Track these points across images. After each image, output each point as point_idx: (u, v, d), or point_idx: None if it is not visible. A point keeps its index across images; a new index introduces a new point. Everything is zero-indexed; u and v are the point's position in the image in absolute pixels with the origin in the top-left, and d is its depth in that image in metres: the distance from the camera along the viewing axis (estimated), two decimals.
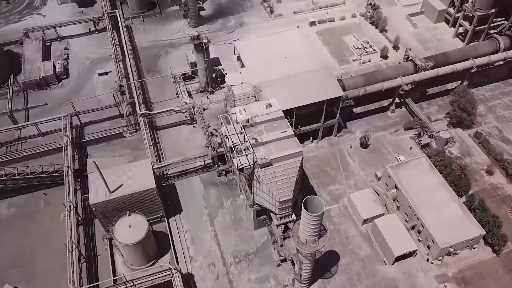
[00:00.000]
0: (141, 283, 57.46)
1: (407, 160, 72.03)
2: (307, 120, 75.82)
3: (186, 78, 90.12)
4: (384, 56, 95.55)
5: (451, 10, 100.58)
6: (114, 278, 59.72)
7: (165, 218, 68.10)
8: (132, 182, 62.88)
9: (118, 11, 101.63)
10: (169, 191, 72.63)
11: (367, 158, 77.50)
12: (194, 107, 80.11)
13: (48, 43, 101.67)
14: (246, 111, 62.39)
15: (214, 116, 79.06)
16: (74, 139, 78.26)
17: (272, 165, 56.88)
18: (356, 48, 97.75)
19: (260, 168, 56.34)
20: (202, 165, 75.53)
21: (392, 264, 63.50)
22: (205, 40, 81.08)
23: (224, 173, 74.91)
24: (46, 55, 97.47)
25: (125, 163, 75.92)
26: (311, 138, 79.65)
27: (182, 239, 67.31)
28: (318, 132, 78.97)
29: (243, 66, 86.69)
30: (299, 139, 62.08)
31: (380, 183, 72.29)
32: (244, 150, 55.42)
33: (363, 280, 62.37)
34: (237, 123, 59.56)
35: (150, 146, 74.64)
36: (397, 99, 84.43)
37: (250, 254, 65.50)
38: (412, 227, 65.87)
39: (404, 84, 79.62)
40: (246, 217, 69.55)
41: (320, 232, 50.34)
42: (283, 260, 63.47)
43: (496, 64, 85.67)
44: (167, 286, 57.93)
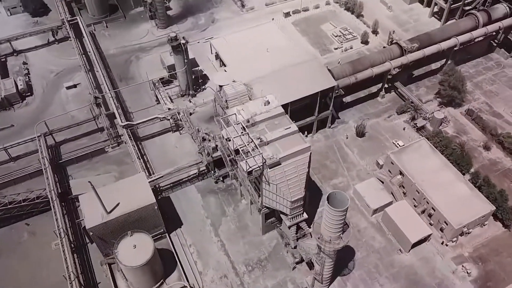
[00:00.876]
0: None
1: (408, 145, 73.81)
2: (300, 114, 75.92)
3: (163, 82, 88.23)
4: (365, 42, 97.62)
5: None
6: None
7: (166, 234, 66.30)
8: (129, 199, 60.67)
9: (79, 18, 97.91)
10: (165, 205, 70.68)
11: (365, 147, 78.84)
12: (179, 113, 78.48)
13: (3, 59, 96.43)
14: (244, 110, 61.73)
15: (202, 120, 77.89)
16: (51, 160, 74.58)
17: (280, 164, 56.58)
18: (336, 36, 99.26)
19: (269, 168, 55.91)
20: (196, 173, 74.09)
21: (408, 251, 64.90)
22: (183, 41, 79.60)
23: (221, 178, 73.88)
24: (3, 73, 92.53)
25: (112, 180, 73.48)
26: (305, 132, 79.99)
27: (187, 254, 65.75)
28: (312, 125, 79.47)
29: (224, 65, 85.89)
30: None
31: (383, 171, 73.72)
32: (251, 151, 54.78)
33: (382, 272, 63.36)
34: (237, 124, 58.82)
35: (138, 158, 72.45)
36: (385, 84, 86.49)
37: (263, 260, 64.95)
38: (422, 211, 67.59)
39: (393, 68, 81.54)
40: (252, 222, 68.95)
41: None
42: (299, 262, 63.39)
43: (476, 40, 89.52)
44: None
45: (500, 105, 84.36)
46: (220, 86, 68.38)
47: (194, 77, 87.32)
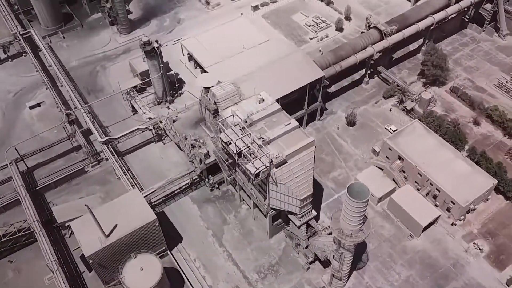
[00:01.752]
0: None
1: (402, 128, 75.76)
2: (289, 109, 75.79)
3: (137, 91, 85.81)
4: (339, 29, 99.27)
5: None
6: None
7: (168, 252, 64.61)
8: (128, 218, 58.68)
9: (33, 30, 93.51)
10: (160, 221, 68.23)
11: (358, 135, 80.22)
12: (161, 121, 76.61)
13: None
14: (239, 111, 61.08)
15: (187, 126, 76.17)
16: (27, 188, 70.73)
17: (287, 162, 56.48)
18: (309, 26, 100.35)
19: (276, 168, 55.66)
20: (188, 183, 72.58)
21: (419, 236, 66.61)
22: (156, 45, 77.73)
23: (216, 185, 72.84)
24: None
25: (97, 201, 70.74)
26: None
27: (193, 269, 64.36)
28: (301, 120, 79.84)
29: (200, 66, 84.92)
30: None
31: (380, 158, 75.25)
32: (256, 152, 54.30)
33: (397, 260, 64.72)
34: (235, 125, 58.16)
35: (124, 174, 70.17)
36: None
37: (274, 265, 64.65)
38: (427, 194, 69.56)
39: (376, 53, 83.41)
40: (256, 227, 68.49)
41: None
42: (312, 262, 63.56)
43: (450, 17, 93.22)
44: None
45: (482, 79, 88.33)
46: (205, 88, 67.50)
47: (169, 81, 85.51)
